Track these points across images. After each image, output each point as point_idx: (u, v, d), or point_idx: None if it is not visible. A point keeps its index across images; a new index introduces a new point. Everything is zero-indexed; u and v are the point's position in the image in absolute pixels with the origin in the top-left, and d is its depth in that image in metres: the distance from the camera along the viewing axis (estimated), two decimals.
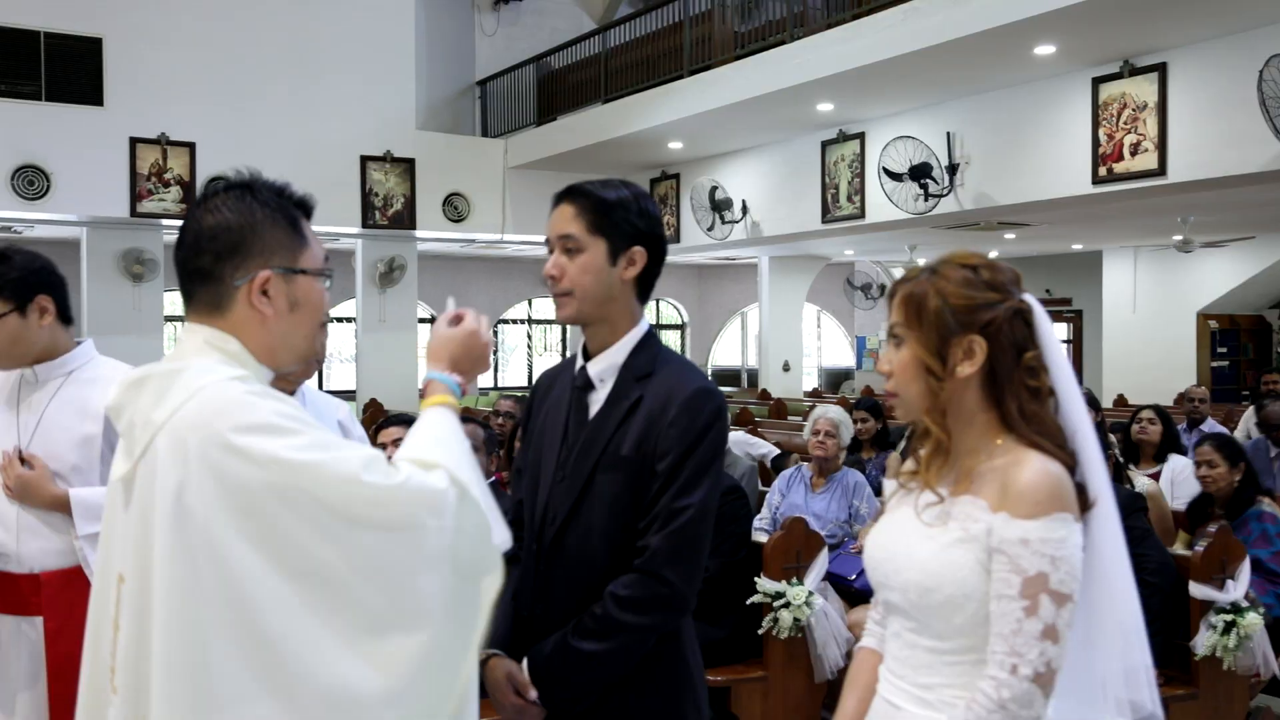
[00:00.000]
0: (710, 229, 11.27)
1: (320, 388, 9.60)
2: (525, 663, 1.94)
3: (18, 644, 2.47)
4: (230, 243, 1.53)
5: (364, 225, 11.62)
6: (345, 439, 1.63)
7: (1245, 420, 7.81)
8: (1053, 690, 1.52)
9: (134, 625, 1.45)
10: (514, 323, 17.87)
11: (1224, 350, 14.14)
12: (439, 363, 1.71)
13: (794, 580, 3.95)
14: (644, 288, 2.02)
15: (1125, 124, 7.41)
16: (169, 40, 10.58)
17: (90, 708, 1.57)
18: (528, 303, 17.74)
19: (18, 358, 2.50)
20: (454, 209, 12.12)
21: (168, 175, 10.57)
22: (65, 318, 2.56)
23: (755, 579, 3.95)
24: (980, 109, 8.55)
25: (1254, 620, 3.75)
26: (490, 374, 12.57)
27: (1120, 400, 11.59)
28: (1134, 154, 7.36)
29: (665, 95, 9.94)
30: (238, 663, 1.37)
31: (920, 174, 8.67)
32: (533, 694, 1.91)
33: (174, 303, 12.82)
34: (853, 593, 4.53)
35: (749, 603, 3.96)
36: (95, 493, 2.47)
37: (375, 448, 1.85)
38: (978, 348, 1.61)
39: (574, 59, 11.92)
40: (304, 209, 1.62)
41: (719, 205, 11.10)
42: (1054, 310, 15.31)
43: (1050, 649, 1.50)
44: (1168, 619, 3.83)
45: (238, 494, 1.39)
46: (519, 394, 5.86)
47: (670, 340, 18.27)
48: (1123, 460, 5.11)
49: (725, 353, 19.72)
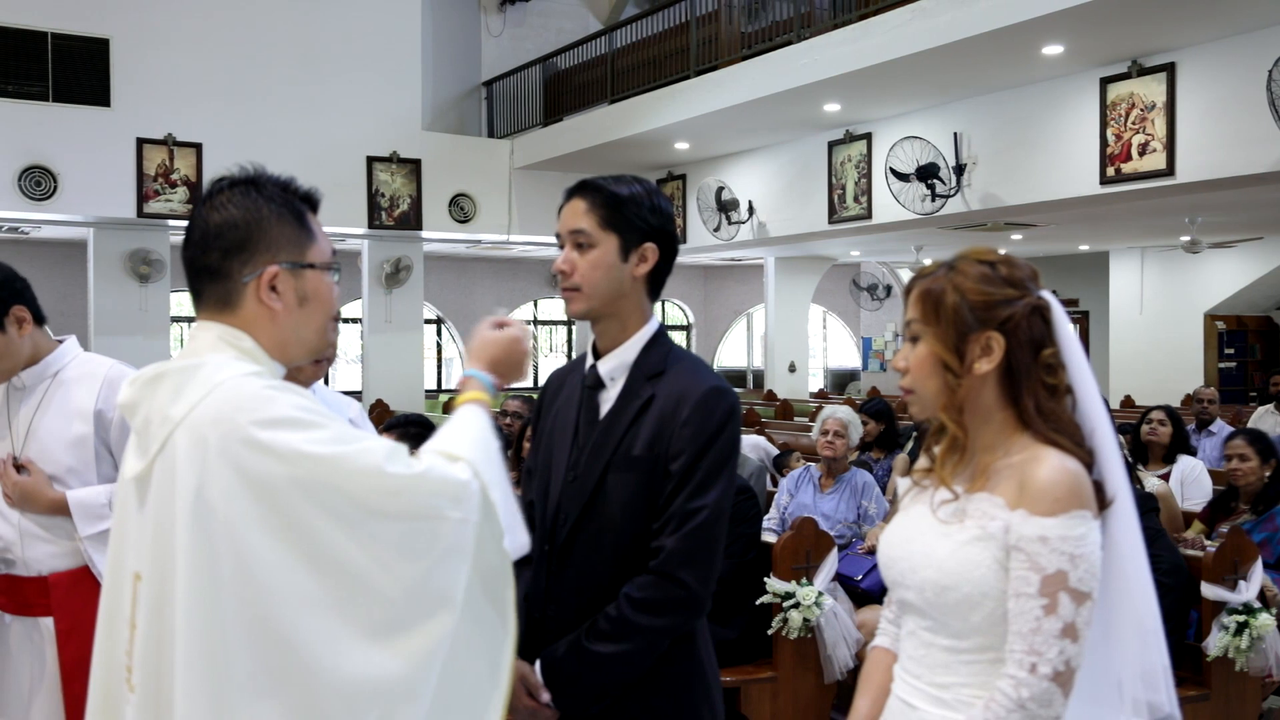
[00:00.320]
0: (716, 229, 11.26)
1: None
2: (538, 665, 1.92)
3: (29, 646, 2.49)
4: (237, 239, 1.52)
5: (370, 226, 11.64)
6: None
7: (1255, 420, 7.79)
8: (1072, 689, 1.51)
9: (152, 623, 1.44)
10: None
11: (1231, 351, 14.10)
12: (479, 362, 1.76)
13: (804, 580, 3.94)
14: (655, 285, 2.00)
15: (1133, 124, 7.39)
16: (176, 41, 10.60)
17: (103, 707, 1.56)
18: (534, 304, 17.74)
19: (7, 372, 2.50)
20: (460, 210, 12.12)
21: (174, 176, 10.60)
22: (39, 320, 2.54)
23: (765, 579, 3.95)
24: (988, 109, 8.53)
25: (1266, 621, 3.75)
26: None
27: (1127, 401, 11.55)
28: (1142, 154, 7.34)
29: (671, 96, 9.93)
30: (258, 657, 1.37)
31: (927, 174, 8.65)
32: (546, 696, 1.89)
33: (180, 303, 12.83)
34: (859, 593, 4.53)
35: (758, 603, 3.95)
36: (93, 493, 2.48)
37: None
38: (995, 344, 1.60)
39: (580, 59, 11.91)
40: (310, 203, 1.62)
41: (725, 206, 11.09)
42: None
43: (1069, 647, 1.49)
44: (1179, 620, 3.83)
45: (260, 488, 1.39)
46: (526, 394, 5.85)
47: (676, 341, 18.14)
48: (1131, 461, 5.11)
49: (731, 354, 19.71)
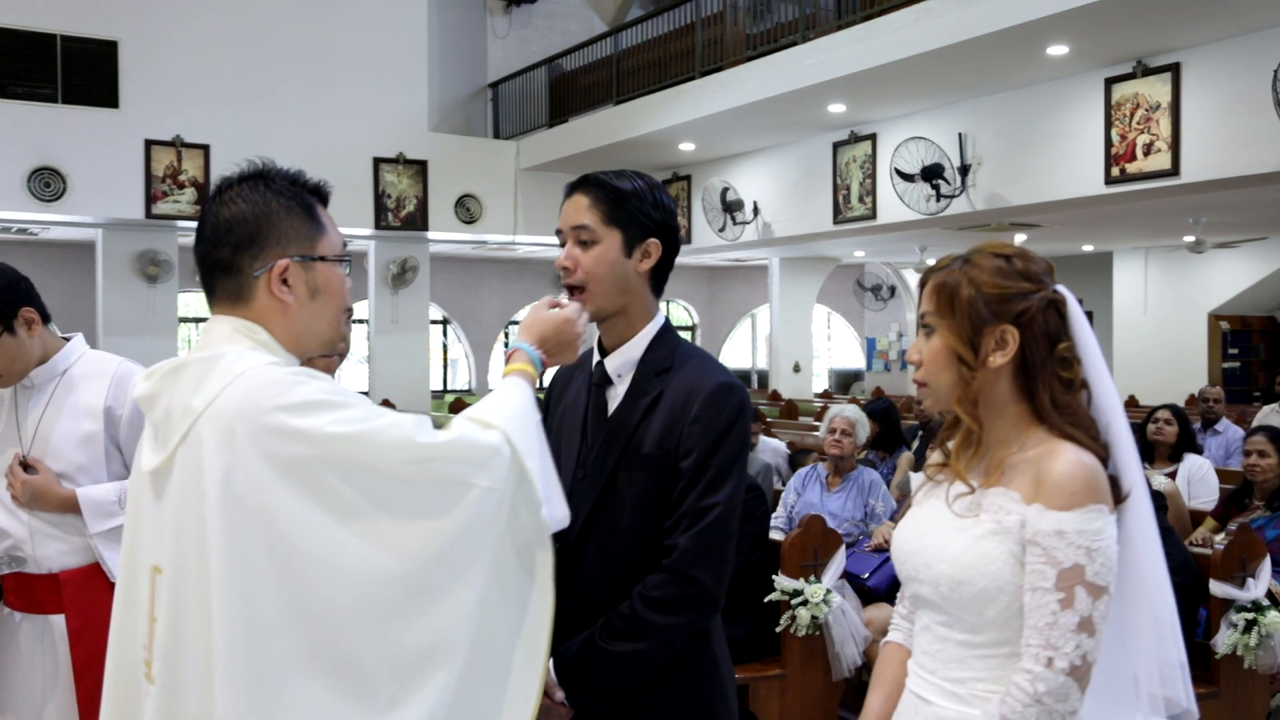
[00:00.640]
0: (721, 230, 11.28)
1: None
2: (551, 663, 1.89)
3: (40, 643, 2.49)
4: (247, 233, 1.53)
5: (377, 227, 11.66)
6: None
7: (1260, 419, 7.80)
8: (1088, 684, 1.50)
9: (173, 615, 1.43)
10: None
11: (1235, 351, 14.10)
12: (528, 336, 1.78)
13: (812, 578, 3.95)
14: (658, 280, 1.98)
15: (1138, 124, 7.39)
16: (184, 43, 10.63)
17: (120, 701, 1.56)
18: None
19: (19, 373, 2.51)
20: (466, 210, 12.14)
21: (182, 177, 10.63)
22: (46, 319, 2.55)
23: (773, 577, 3.96)
24: (992, 110, 8.54)
25: (1275, 619, 3.74)
26: None
27: (1131, 401, 11.54)
28: (1147, 154, 7.35)
29: (677, 97, 9.94)
30: (298, 636, 1.37)
31: (932, 175, 8.66)
32: (560, 695, 1.87)
33: (188, 304, 12.87)
34: (867, 591, 4.54)
35: (766, 600, 3.96)
36: (104, 490, 2.48)
37: None
38: (1010, 338, 1.59)
39: (585, 61, 11.93)
40: (320, 196, 1.62)
41: (730, 206, 11.11)
42: None
43: (1086, 642, 1.48)
44: (1187, 618, 3.84)
45: (290, 473, 1.39)
46: (536, 393, 5.84)
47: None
48: None
49: (735, 354, 19.72)
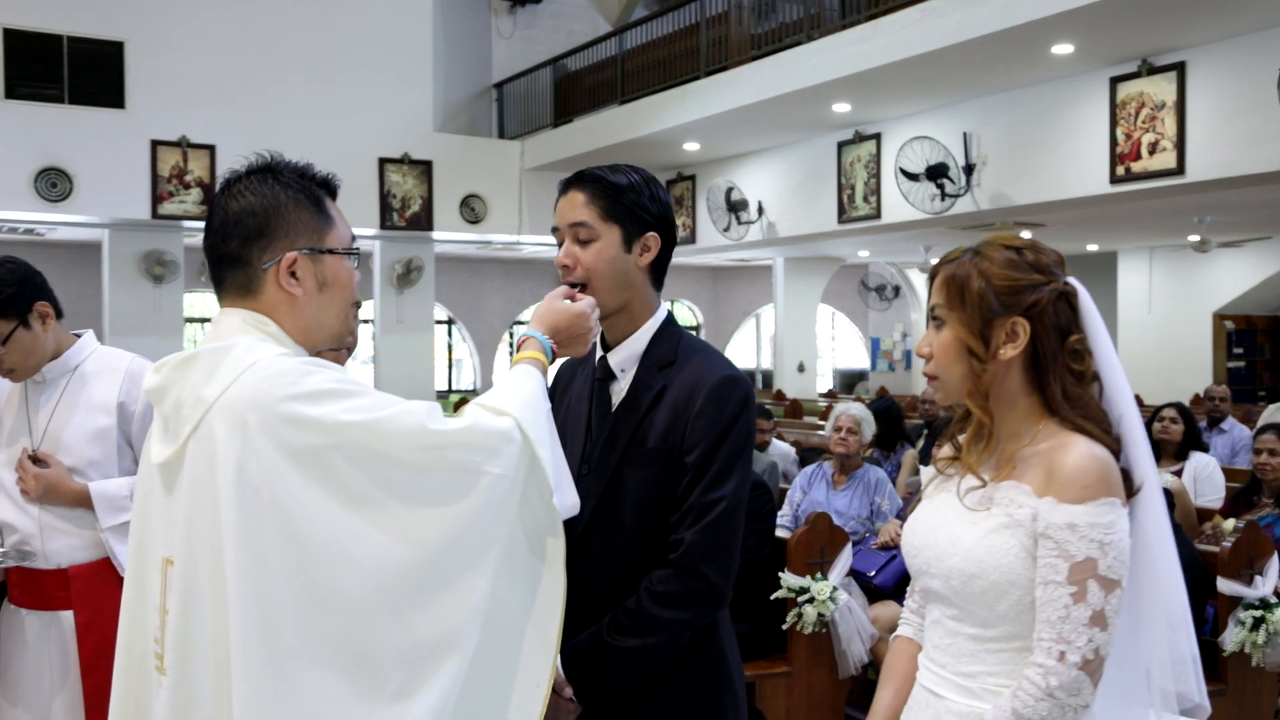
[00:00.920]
0: (726, 230, 11.28)
1: None
2: (559, 659, 1.90)
3: (47, 640, 2.48)
4: (255, 226, 1.53)
5: (382, 227, 11.68)
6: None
7: (1265, 419, 7.79)
8: (1101, 678, 1.49)
9: (185, 606, 1.43)
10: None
11: (1240, 351, 14.09)
12: (541, 325, 1.78)
13: (818, 575, 3.96)
14: (658, 274, 1.97)
15: (1143, 123, 7.39)
16: (190, 44, 10.66)
17: (129, 692, 1.56)
18: None
19: (34, 367, 2.52)
20: (471, 210, 12.16)
21: (188, 177, 10.65)
22: (59, 314, 2.56)
23: (779, 574, 3.96)
24: (997, 109, 8.54)
25: None
26: None
27: (1136, 400, 11.53)
28: (1152, 153, 7.35)
29: (681, 97, 9.94)
30: (314, 626, 1.37)
31: (937, 174, 8.67)
32: (568, 691, 1.87)
33: (194, 304, 12.89)
34: (873, 589, 4.54)
35: (773, 598, 3.97)
36: (116, 484, 2.48)
37: None
38: (1021, 330, 1.58)
39: (590, 61, 11.93)
40: (328, 189, 1.62)
41: (735, 206, 11.11)
42: None
43: (1099, 635, 1.47)
44: (1195, 615, 3.84)
45: (304, 462, 1.38)
46: None
47: None
48: None
49: (740, 354, 19.72)
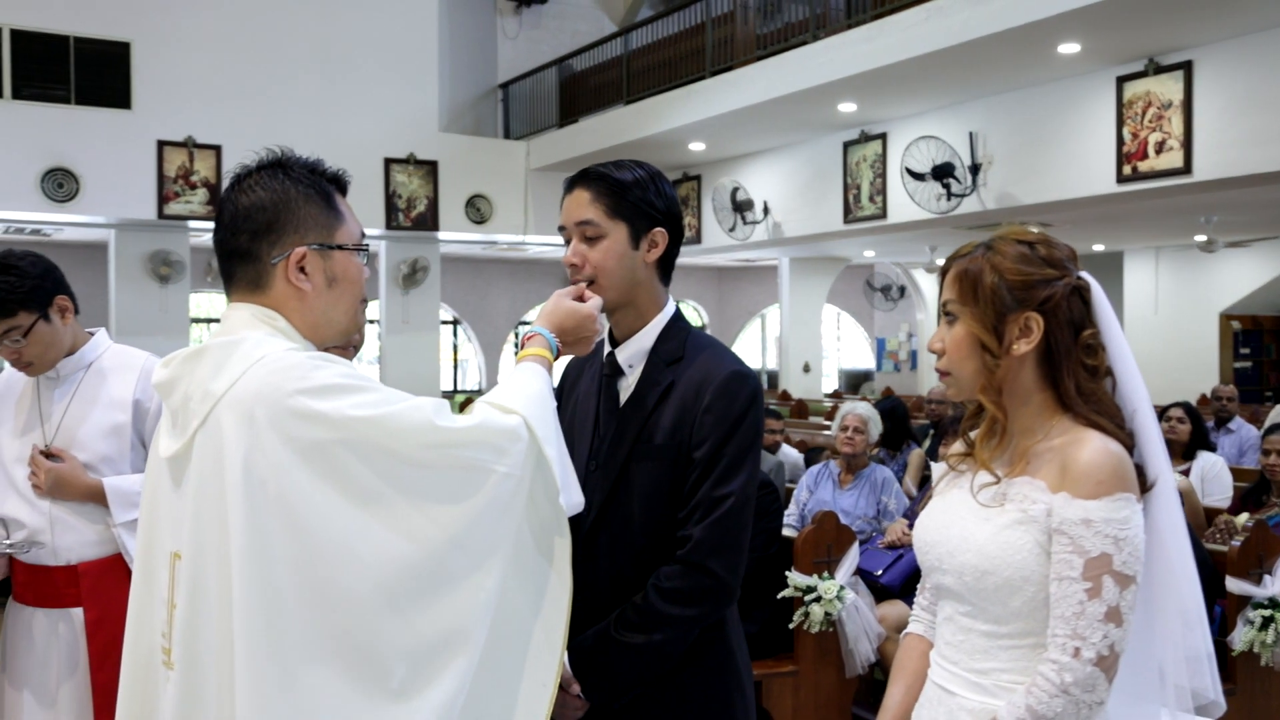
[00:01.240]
0: (732, 230, 11.28)
1: None
2: (566, 655, 1.87)
3: (55, 638, 2.48)
4: (265, 221, 1.53)
5: (387, 227, 11.69)
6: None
7: (1272, 419, 7.77)
8: (1115, 674, 1.48)
9: (193, 600, 1.43)
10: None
11: (1246, 351, 14.06)
12: (548, 322, 1.78)
13: (825, 574, 3.96)
14: (666, 269, 1.96)
15: (1150, 122, 7.38)
16: (196, 45, 10.69)
17: (137, 687, 1.56)
18: None
19: (51, 362, 2.51)
20: (476, 211, 12.17)
21: (194, 177, 10.68)
22: (76, 310, 2.57)
23: (786, 573, 3.96)
24: (1004, 108, 8.53)
25: None
26: None
27: None
28: (1159, 152, 7.33)
29: (687, 97, 9.95)
30: (317, 622, 1.37)
31: (943, 174, 8.66)
32: (575, 687, 1.86)
33: (200, 304, 12.92)
34: (880, 588, 4.54)
35: (780, 597, 3.96)
36: (130, 480, 2.46)
37: None
38: (1034, 325, 1.57)
39: (596, 61, 11.94)
40: (338, 185, 1.62)
41: (740, 206, 11.11)
42: None
43: (1113, 631, 1.47)
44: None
45: (311, 457, 1.38)
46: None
47: None
48: None
49: (745, 354, 19.71)
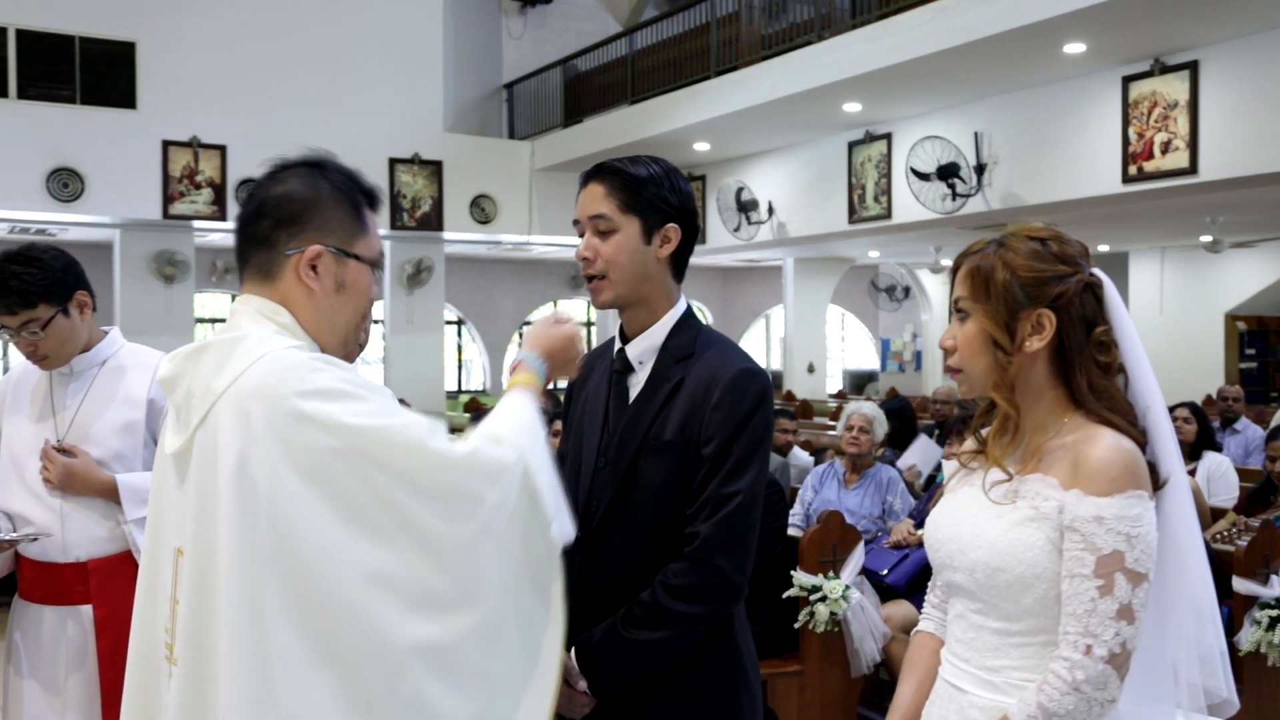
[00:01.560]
0: (736, 230, 11.28)
1: None
2: (573, 652, 1.89)
3: (63, 635, 2.48)
4: (291, 212, 1.54)
5: (392, 227, 11.69)
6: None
7: (1278, 420, 7.75)
8: (1127, 672, 1.48)
9: (195, 597, 1.43)
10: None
11: (1252, 351, 14.04)
12: (536, 347, 1.80)
13: (830, 574, 3.96)
14: (679, 266, 1.96)
15: (1156, 122, 7.36)
16: (201, 45, 10.70)
17: (141, 683, 1.56)
18: (553, 304, 17.80)
19: (66, 357, 2.52)
20: (481, 211, 12.18)
21: (199, 177, 10.69)
22: (94, 306, 2.58)
23: (792, 573, 3.96)
24: (1009, 108, 8.51)
25: None
26: None
27: None
28: (1165, 152, 7.32)
29: (692, 96, 9.94)
30: (305, 629, 1.36)
31: (948, 174, 8.65)
32: (582, 684, 1.86)
33: (205, 304, 12.95)
34: (885, 588, 4.53)
35: (785, 596, 3.96)
36: (143, 477, 2.46)
37: None
38: (1047, 321, 1.57)
39: (600, 61, 11.95)
40: (370, 199, 1.62)
41: (745, 206, 11.11)
42: None
43: (1126, 629, 1.46)
44: None
45: (303, 457, 1.38)
46: (553, 390, 5.88)
47: None
48: None
49: (750, 354, 19.69)
